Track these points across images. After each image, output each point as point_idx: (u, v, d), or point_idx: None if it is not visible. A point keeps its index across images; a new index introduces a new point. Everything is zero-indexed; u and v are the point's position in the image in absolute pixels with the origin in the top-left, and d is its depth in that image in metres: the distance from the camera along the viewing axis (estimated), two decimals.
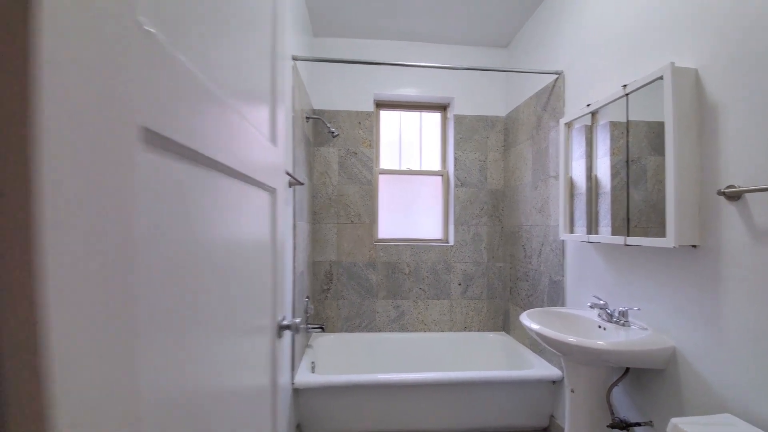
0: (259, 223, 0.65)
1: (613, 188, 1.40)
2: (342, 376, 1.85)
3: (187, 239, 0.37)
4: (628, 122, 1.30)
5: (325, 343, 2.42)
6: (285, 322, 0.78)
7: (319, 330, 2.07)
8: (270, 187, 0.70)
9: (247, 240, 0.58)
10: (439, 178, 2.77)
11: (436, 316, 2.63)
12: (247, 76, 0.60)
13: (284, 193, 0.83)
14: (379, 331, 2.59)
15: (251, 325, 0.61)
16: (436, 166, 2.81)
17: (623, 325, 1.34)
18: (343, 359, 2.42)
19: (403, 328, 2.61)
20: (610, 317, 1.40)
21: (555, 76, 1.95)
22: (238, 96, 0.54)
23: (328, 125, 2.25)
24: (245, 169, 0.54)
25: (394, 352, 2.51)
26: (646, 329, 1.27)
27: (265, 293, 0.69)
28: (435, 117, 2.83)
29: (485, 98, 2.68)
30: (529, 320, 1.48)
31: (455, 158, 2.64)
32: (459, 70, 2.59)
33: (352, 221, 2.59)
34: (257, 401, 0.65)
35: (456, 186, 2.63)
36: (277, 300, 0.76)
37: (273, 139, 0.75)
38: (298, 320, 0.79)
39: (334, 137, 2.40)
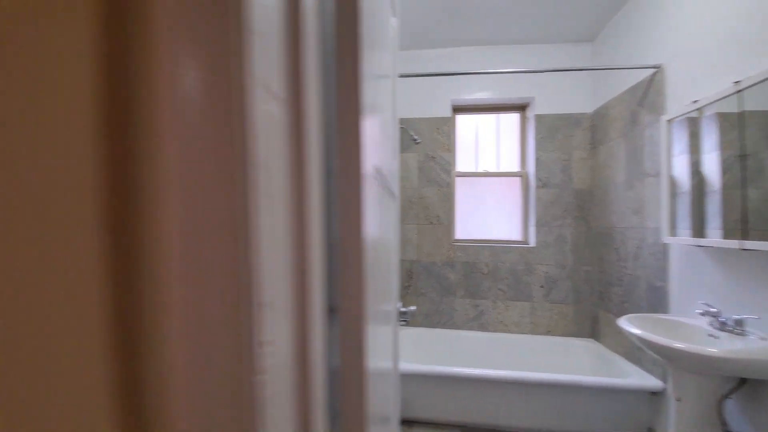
0: (389, 223, 0.81)
1: (724, 186, 1.31)
2: (433, 366, 1.98)
3: (374, 238, 0.52)
4: (740, 114, 1.22)
5: (408, 335, 2.58)
6: (403, 309, 0.93)
7: (404, 323, 2.22)
8: (394, 194, 0.86)
9: (385, 237, 0.74)
10: (517, 179, 2.76)
11: (517, 318, 2.62)
12: (384, 99, 0.75)
13: (398, 198, 0.99)
14: (458, 328, 2.67)
15: (386, 311, 0.77)
16: (515, 167, 2.80)
17: (739, 334, 1.25)
18: (424, 352, 2.56)
19: (482, 328, 2.65)
20: (722, 326, 1.31)
21: (652, 71, 1.84)
22: (382, 117, 0.70)
23: (411, 133, 2.40)
24: (389, 179, 0.70)
25: (473, 350, 2.57)
26: (765, 339, 1.18)
27: (391, 283, 0.84)
28: (513, 118, 2.81)
29: (568, 95, 2.60)
30: (629, 325, 1.45)
31: (536, 158, 2.61)
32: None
33: (431, 222, 2.71)
34: (387, 381, 0.80)
35: (537, 187, 2.60)
36: (396, 290, 0.91)
37: (393, 151, 0.91)
38: (413, 308, 0.94)
39: (416, 144, 2.54)
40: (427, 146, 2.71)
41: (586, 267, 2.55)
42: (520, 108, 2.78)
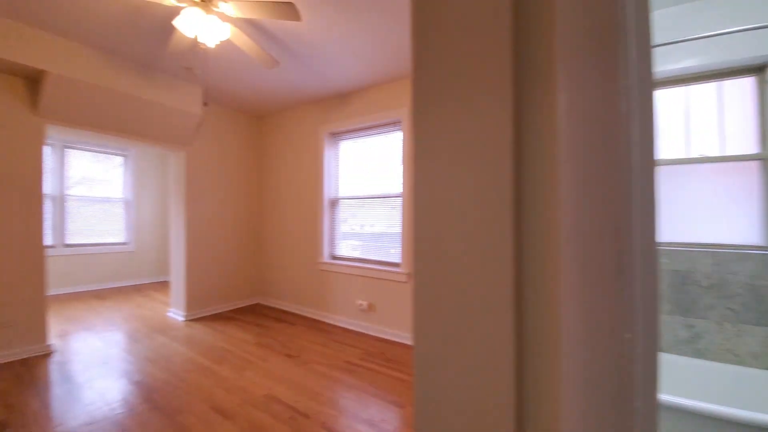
0: None
1: None
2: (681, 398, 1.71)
3: None
4: None
5: None
6: None
7: None
8: None
9: None
10: (754, 165, 2.09)
11: (756, 348, 1.98)
12: None
13: None
14: (660, 350, 2.20)
15: None
16: (750, 148, 2.12)
17: None
18: None
19: (698, 354, 2.11)
20: None
21: None
22: None
23: None
24: None
25: (683, 379, 2.08)
26: None
27: None
28: (743, 84, 2.15)
29: None
30: None
31: None
32: None
33: None
34: None
35: None
36: None
37: None
38: None
39: None
40: None
41: None
42: (756, 70, 2.10)
